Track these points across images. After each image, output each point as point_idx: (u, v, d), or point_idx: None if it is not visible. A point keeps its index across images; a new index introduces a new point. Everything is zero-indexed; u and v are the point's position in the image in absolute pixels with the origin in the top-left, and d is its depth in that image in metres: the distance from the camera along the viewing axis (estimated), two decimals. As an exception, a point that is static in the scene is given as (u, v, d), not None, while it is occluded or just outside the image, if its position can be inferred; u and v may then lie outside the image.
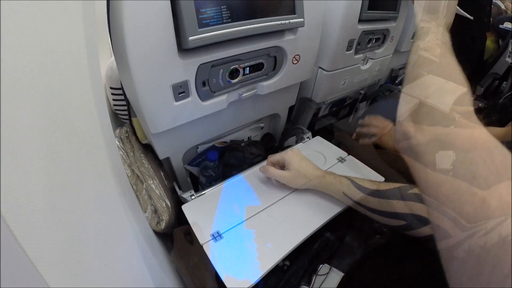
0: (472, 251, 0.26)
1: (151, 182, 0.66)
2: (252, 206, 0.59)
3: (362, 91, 1.16)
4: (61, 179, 0.29)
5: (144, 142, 0.70)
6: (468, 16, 0.76)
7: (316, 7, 0.61)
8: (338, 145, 0.79)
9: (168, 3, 0.42)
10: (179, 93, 0.52)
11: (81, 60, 0.37)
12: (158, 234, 0.65)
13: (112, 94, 0.71)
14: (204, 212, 0.58)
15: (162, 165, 0.73)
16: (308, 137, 0.82)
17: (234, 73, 0.58)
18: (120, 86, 0.64)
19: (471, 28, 1.41)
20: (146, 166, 0.68)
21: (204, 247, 0.51)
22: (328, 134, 0.88)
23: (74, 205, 0.30)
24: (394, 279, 0.48)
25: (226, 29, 0.48)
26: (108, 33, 0.47)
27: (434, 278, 0.43)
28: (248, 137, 0.84)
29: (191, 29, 0.44)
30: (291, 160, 0.60)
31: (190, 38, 0.44)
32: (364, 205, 0.54)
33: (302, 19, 0.57)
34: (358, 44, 0.82)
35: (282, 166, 0.63)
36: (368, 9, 0.76)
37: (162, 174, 0.71)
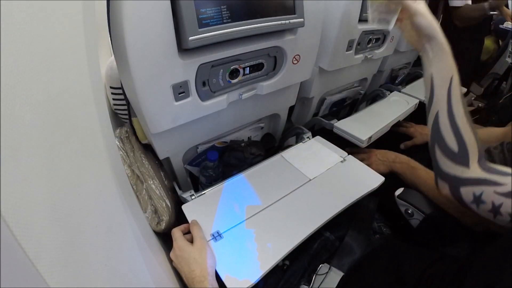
0: None
1: (151, 182, 0.66)
2: (252, 206, 0.59)
3: (362, 91, 1.16)
4: (61, 179, 0.29)
5: (144, 142, 0.70)
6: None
7: (316, 7, 0.61)
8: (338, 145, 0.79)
9: (168, 3, 0.42)
10: (179, 93, 0.52)
11: (81, 60, 0.37)
12: (158, 234, 0.65)
13: (112, 94, 0.71)
14: (204, 212, 0.58)
15: (162, 165, 0.72)
16: (308, 137, 0.82)
17: (234, 73, 0.58)
18: (120, 86, 0.63)
19: (471, 31, 1.42)
20: (146, 166, 0.68)
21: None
22: (328, 134, 0.88)
23: (74, 205, 0.30)
24: (393, 279, 0.48)
25: (226, 29, 0.48)
26: (108, 33, 0.47)
27: (434, 278, 0.43)
28: (248, 137, 0.84)
29: (191, 29, 0.44)
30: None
31: (190, 38, 0.44)
32: None
33: (302, 19, 0.57)
34: (358, 44, 0.82)
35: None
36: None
37: (162, 174, 0.71)
